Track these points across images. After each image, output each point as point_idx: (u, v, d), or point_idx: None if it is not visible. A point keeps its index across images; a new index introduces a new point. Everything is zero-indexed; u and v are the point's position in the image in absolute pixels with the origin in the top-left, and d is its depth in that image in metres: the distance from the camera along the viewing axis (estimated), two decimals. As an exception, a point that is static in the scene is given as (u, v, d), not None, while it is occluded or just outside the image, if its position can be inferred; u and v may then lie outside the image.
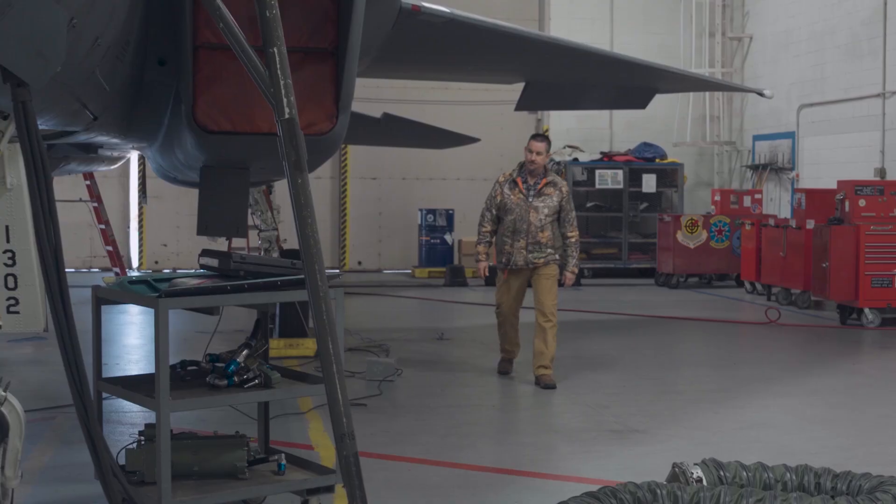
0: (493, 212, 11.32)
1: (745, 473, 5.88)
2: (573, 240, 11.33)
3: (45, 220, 3.93)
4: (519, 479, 7.62)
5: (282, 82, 4.27)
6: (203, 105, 6.92)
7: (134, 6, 5.88)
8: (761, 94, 16.87)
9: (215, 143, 7.02)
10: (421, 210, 23.43)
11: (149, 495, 5.73)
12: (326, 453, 7.89)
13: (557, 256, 11.26)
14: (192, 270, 7.52)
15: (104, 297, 6.44)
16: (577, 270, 11.44)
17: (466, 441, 8.28)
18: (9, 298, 6.08)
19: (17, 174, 5.96)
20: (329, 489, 6.33)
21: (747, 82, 23.27)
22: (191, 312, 6.38)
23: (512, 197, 11.20)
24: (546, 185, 11.25)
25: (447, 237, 23.32)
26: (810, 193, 17.96)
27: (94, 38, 4.93)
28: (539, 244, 11.14)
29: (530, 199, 11.18)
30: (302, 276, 5.90)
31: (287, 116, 4.26)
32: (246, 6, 4.86)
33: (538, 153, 11.20)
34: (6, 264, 6.05)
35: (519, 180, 11.28)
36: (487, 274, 11.71)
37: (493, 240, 11.42)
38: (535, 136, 11.47)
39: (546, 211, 11.16)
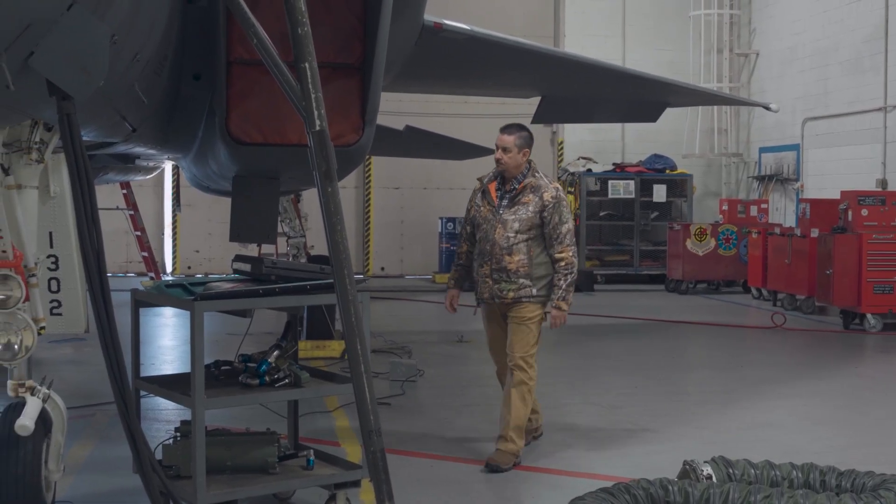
0: (469, 228, 8.29)
1: (753, 471, 5.87)
2: (563, 263, 7.84)
3: (89, 227, 3.96)
4: (536, 476, 7.61)
5: (313, 96, 4.29)
6: (236, 118, 6.96)
7: (171, 23, 5.92)
8: (767, 108, 16.86)
9: (247, 154, 7.06)
10: (441, 218, 23.44)
11: (184, 489, 5.76)
12: (352, 449, 7.89)
13: (535, 291, 7.87)
14: (224, 275, 7.53)
15: (142, 300, 6.47)
16: (565, 306, 7.86)
17: (486, 439, 8.26)
18: (52, 301, 6.14)
19: (61, 183, 6.02)
20: (356, 484, 6.34)
21: (754, 97, 23.21)
22: (222, 315, 6.40)
23: (482, 208, 8.14)
24: (523, 190, 8.01)
25: (466, 244, 23.29)
26: (814, 203, 17.90)
27: (134, 54, 4.96)
28: (506, 272, 7.87)
29: (500, 211, 8.02)
30: (330, 281, 5.93)
31: (318, 128, 4.28)
32: (277, 23, 4.89)
33: (504, 149, 8.04)
34: (50, 269, 6.11)
35: (492, 186, 8.19)
36: (454, 309, 8.28)
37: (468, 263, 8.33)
38: (504, 127, 8.24)
39: (517, 226, 7.88)
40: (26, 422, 5.30)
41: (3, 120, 4.64)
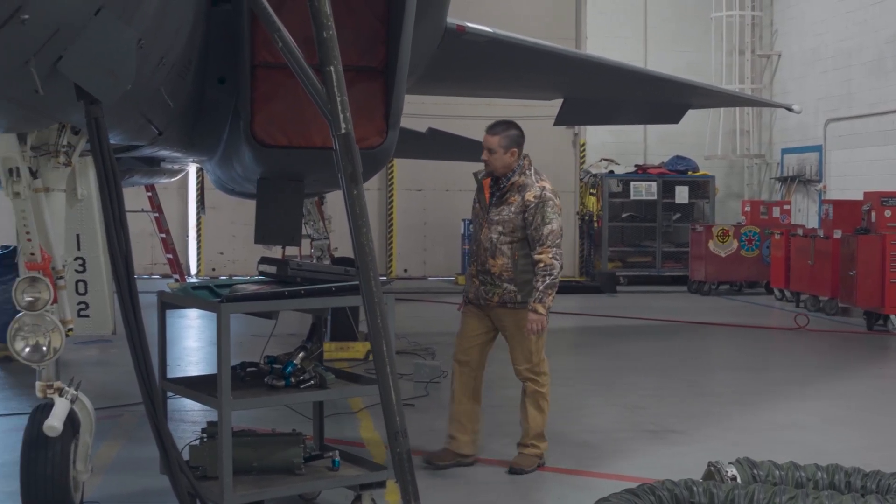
0: (473, 227, 8.13)
1: (777, 472, 5.84)
2: (541, 264, 7.41)
3: (117, 229, 3.98)
4: (561, 477, 7.60)
5: (338, 99, 4.30)
6: (260, 121, 6.98)
7: (196, 28, 5.94)
8: (790, 109, 16.80)
9: (272, 156, 7.08)
10: (464, 220, 23.38)
11: (211, 489, 5.77)
12: (377, 450, 7.90)
13: (521, 297, 7.56)
14: (248, 277, 7.55)
15: (168, 302, 6.48)
16: (542, 309, 7.43)
17: (509, 440, 8.24)
18: (79, 303, 6.18)
19: (88, 186, 6.05)
20: (381, 485, 6.33)
21: (776, 98, 23.12)
22: (246, 316, 6.41)
23: (476, 206, 7.96)
24: (510, 189, 7.65)
25: (488, 246, 23.29)
26: (837, 204, 17.81)
27: (160, 58, 4.99)
28: (489, 275, 7.60)
29: (489, 210, 7.75)
30: (355, 283, 5.93)
31: (343, 131, 4.29)
32: (301, 27, 4.89)
33: (489, 150, 7.66)
34: (77, 271, 6.14)
35: (486, 183, 7.84)
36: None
37: None
38: (489, 127, 7.79)
39: (500, 228, 7.59)
40: (55, 423, 5.33)
41: (31, 124, 4.67)
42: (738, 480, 5.72)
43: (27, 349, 5.36)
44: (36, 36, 3.11)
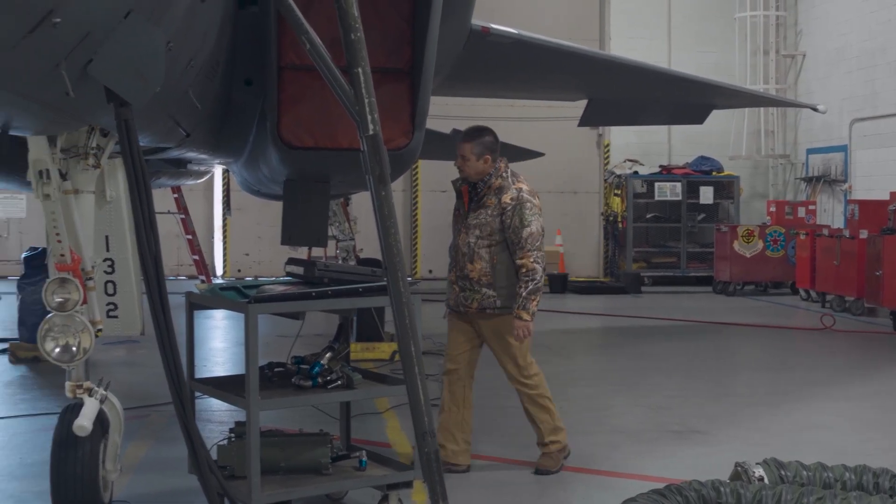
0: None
1: (805, 473, 5.80)
2: (523, 270, 7.28)
3: (147, 230, 3.99)
4: (586, 477, 7.58)
5: (366, 100, 4.30)
6: (287, 122, 7.00)
7: (224, 29, 5.97)
8: (815, 109, 16.71)
9: (298, 158, 7.10)
10: (488, 221, 23.41)
11: (239, 489, 5.78)
12: (403, 451, 7.90)
13: (500, 301, 7.39)
14: (275, 278, 7.57)
15: (196, 303, 6.51)
16: (526, 315, 7.29)
17: (535, 440, 8.24)
18: (108, 304, 6.21)
19: (116, 187, 6.08)
20: (408, 485, 6.34)
21: (800, 98, 23.02)
22: (272, 317, 6.42)
23: (457, 213, 7.84)
24: (487, 193, 7.52)
25: (512, 247, 23.28)
26: (863, 204, 17.71)
27: (189, 60, 5.01)
28: (468, 280, 7.45)
29: (467, 216, 7.63)
30: (382, 283, 5.94)
31: (371, 133, 4.29)
32: (327, 29, 4.90)
33: (463, 157, 7.55)
34: (106, 272, 6.17)
35: (465, 189, 7.70)
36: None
37: None
38: (464, 133, 7.70)
39: (477, 232, 7.46)
40: (84, 422, 5.35)
41: (62, 126, 4.70)
42: (766, 481, 5.69)
43: (57, 349, 5.40)
44: (67, 39, 3.13)
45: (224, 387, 6.31)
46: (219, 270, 23.66)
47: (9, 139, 4.97)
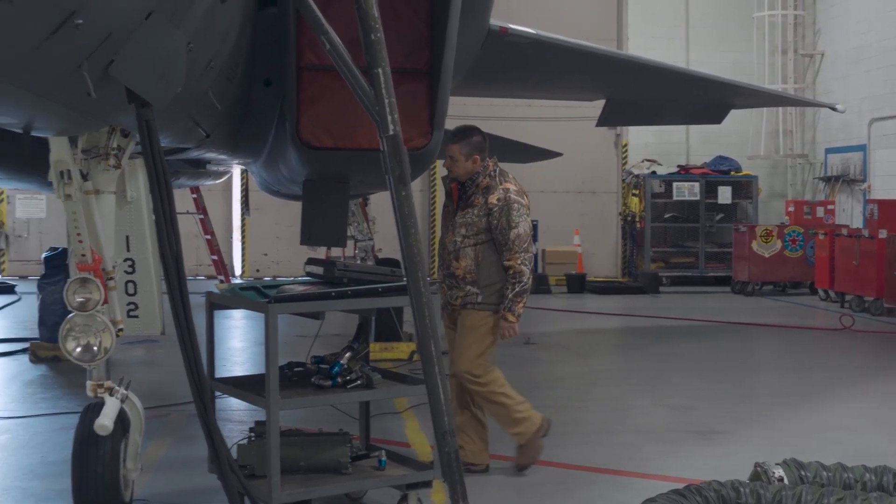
0: None
1: (825, 473, 5.78)
2: (511, 272, 7.28)
3: (168, 231, 4.00)
4: (607, 477, 7.56)
5: (386, 101, 4.30)
6: (306, 123, 7.01)
7: (243, 31, 5.98)
8: (833, 109, 16.66)
9: (318, 158, 7.11)
10: (506, 221, 23.40)
11: (259, 488, 5.79)
12: (422, 450, 7.90)
13: (482, 298, 7.36)
14: (294, 278, 7.58)
15: (216, 303, 6.52)
16: (511, 317, 7.31)
17: (555, 440, 8.21)
18: (129, 304, 6.22)
19: (137, 188, 6.10)
20: (427, 484, 6.33)
21: (819, 97, 22.93)
22: (291, 317, 6.42)
23: (446, 210, 7.75)
24: (475, 192, 7.44)
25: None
26: (882, 204, 17.64)
27: (209, 61, 5.02)
28: (454, 278, 7.44)
29: (455, 215, 7.54)
30: (401, 283, 5.93)
31: (391, 133, 4.29)
32: (346, 29, 4.90)
33: (451, 158, 7.44)
34: (127, 272, 6.18)
35: (455, 187, 7.58)
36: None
37: None
38: (452, 134, 7.54)
39: (463, 230, 7.40)
40: (105, 421, 5.37)
41: (83, 127, 4.71)
42: (785, 481, 5.67)
43: (78, 349, 5.41)
44: (89, 40, 3.14)
45: (244, 386, 6.31)
46: (237, 270, 23.72)
47: (30, 140, 4.99)
